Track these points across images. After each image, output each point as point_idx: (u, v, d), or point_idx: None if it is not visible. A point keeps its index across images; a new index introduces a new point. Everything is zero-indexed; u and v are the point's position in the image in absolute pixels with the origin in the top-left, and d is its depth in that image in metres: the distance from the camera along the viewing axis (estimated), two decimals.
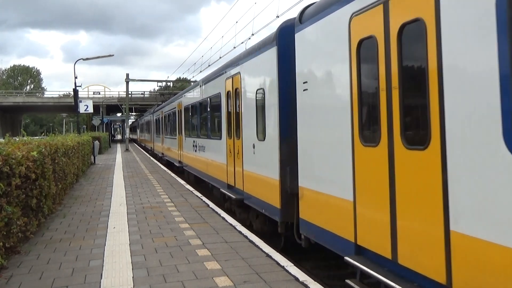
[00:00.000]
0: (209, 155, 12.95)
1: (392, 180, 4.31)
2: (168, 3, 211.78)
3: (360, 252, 5.00)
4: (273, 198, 7.53)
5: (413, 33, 4.08)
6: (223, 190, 11.04)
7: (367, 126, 4.82)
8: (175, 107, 20.56)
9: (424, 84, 3.87)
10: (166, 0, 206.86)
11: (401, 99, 4.21)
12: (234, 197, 9.75)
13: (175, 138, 20.59)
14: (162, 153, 27.53)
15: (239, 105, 9.74)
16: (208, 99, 12.99)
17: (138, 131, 60.42)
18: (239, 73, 9.67)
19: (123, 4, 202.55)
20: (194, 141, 15.54)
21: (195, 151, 15.27)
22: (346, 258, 5.04)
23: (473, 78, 3.41)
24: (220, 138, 11.41)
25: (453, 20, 3.61)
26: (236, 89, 10.00)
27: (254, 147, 8.68)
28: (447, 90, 3.65)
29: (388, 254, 4.41)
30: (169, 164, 24.15)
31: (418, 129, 4.12)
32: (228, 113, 10.67)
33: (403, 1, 4.20)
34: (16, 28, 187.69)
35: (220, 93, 11.48)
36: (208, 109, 13.20)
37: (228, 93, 10.72)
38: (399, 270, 4.29)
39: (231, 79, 10.41)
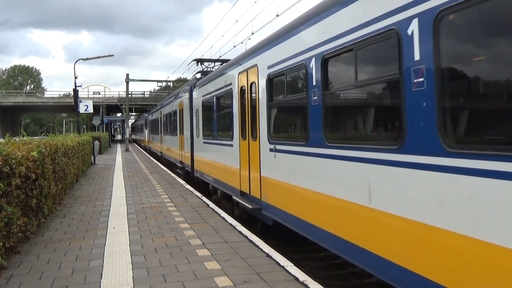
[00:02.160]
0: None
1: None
2: (172, 2, 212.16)
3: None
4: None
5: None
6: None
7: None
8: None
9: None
10: (169, 0, 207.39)
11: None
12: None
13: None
14: (181, 162, 18.95)
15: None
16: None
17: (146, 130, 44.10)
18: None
19: (127, 4, 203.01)
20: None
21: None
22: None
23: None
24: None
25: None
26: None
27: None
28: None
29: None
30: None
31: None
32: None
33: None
34: (18, 28, 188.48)
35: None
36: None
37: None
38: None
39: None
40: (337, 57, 5.57)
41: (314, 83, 6.06)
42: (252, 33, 17.13)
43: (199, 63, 17.91)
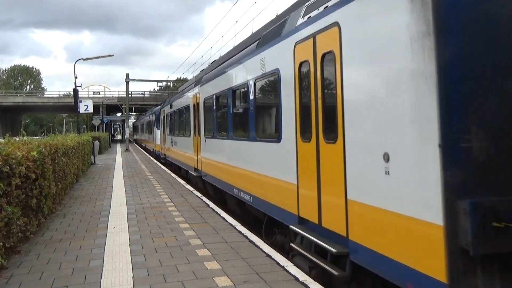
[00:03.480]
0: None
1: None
2: (174, 2, 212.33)
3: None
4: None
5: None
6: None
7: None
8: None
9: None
10: (171, 0, 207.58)
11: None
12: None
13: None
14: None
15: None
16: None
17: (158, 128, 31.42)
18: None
19: (129, 4, 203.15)
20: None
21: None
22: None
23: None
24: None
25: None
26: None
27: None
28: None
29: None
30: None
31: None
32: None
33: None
34: (20, 28, 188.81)
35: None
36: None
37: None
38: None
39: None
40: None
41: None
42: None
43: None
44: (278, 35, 7.35)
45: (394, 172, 4.23)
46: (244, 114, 9.23)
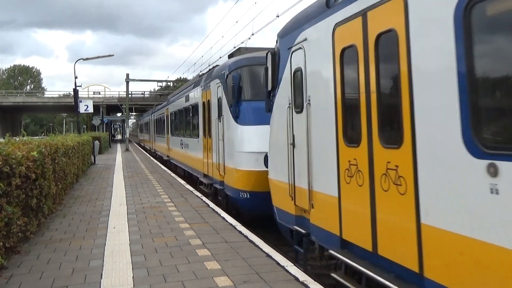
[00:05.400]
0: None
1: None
2: (176, 2, 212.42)
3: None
4: None
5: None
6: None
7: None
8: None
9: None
10: (174, 0, 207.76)
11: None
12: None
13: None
14: None
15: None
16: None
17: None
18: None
19: (131, 3, 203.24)
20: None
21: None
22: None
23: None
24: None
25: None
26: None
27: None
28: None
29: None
30: None
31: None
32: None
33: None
34: (23, 27, 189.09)
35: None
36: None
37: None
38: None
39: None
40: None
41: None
42: (252, 34, 17.22)
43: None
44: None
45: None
46: None
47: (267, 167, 8.42)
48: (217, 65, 14.67)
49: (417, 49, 3.96)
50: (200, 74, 18.23)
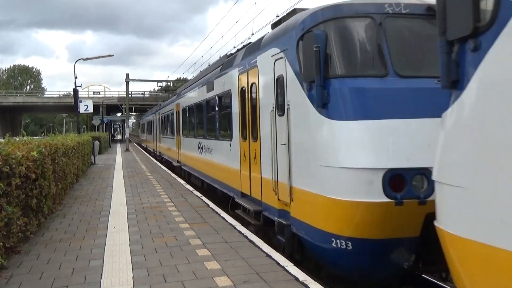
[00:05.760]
0: None
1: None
2: (177, 2, 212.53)
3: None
4: None
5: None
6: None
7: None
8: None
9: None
10: (175, 0, 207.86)
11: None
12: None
13: None
14: None
15: None
16: None
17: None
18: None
19: (132, 3, 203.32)
20: None
21: None
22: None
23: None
24: None
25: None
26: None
27: None
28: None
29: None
30: None
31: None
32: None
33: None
34: (23, 28, 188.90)
35: None
36: None
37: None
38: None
39: None
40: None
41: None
42: (252, 34, 17.15)
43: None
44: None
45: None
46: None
47: (390, 195, 5.31)
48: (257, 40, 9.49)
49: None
50: (228, 54, 12.90)
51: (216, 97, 11.89)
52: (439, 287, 6.44)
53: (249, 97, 9.03)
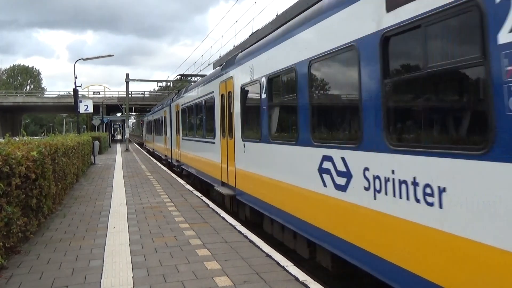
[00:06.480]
0: None
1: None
2: (178, 2, 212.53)
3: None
4: None
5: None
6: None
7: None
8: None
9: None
10: (176, 0, 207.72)
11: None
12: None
13: None
14: None
15: None
16: None
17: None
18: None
19: (133, 3, 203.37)
20: None
21: None
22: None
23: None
24: None
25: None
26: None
27: None
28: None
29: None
30: None
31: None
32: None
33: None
34: (25, 28, 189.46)
35: None
36: None
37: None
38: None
39: None
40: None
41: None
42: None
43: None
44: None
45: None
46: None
47: None
48: None
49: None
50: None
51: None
52: None
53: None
